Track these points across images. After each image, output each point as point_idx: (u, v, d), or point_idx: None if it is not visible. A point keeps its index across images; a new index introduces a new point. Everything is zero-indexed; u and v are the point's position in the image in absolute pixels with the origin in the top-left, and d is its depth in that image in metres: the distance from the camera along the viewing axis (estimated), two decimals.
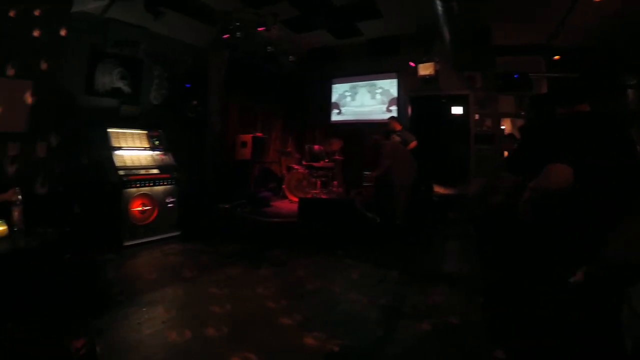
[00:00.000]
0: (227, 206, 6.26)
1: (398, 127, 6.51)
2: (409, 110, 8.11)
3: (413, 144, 6.21)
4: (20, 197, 3.02)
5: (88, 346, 2.09)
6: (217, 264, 4.26)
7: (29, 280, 2.52)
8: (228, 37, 6.03)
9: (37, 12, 3.51)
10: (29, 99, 3.45)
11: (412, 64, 7.52)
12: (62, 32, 3.77)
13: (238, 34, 5.96)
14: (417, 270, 4.15)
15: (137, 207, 4.86)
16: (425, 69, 7.22)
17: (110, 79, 5.51)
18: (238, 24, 5.92)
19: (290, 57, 7.35)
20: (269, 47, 6.72)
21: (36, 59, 3.55)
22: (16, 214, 2.96)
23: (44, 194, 3.61)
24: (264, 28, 5.99)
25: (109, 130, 4.96)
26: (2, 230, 2.75)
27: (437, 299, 3.38)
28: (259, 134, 7.57)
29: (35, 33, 3.53)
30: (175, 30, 6.09)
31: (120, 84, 5.65)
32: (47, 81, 3.65)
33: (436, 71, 7.19)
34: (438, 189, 6.80)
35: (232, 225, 5.76)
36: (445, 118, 7.99)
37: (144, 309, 3.15)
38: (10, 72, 3.32)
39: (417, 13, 6.30)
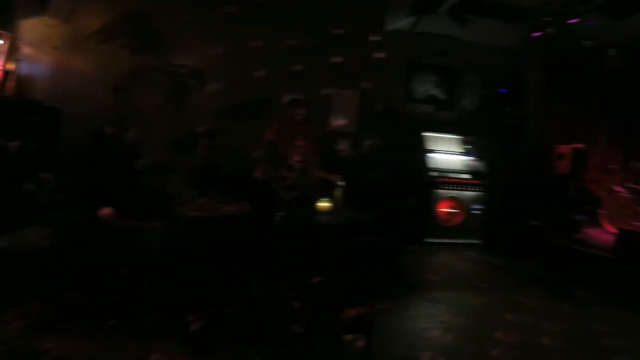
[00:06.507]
0: (535, 224, 5.37)
1: None
2: None
3: None
4: (342, 182, 3.63)
5: (367, 317, 2.17)
6: (514, 283, 3.78)
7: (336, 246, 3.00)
8: (539, 35, 5.25)
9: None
10: (357, 106, 4.19)
11: None
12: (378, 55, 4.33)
13: (549, 29, 5.09)
14: None
15: (443, 208, 4.94)
16: None
17: (426, 87, 5.86)
18: (548, 18, 5.03)
19: (611, 50, 5.63)
20: (585, 42, 5.43)
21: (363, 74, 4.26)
22: (337, 194, 3.58)
23: (365, 183, 4.21)
24: (577, 20, 4.75)
25: (424, 134, 5.28)
26: (328, 206, 3.40)
27: None
28: (578, 145, 6.01)
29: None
30: (484, 35, 5.71)
31: (435, 92, 5.91)
32: (372, 91, 4.30)
33: None
34: None
35: (536, 245, 4.91)
36: None
37: (428, 304, 3.06)
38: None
39: None
